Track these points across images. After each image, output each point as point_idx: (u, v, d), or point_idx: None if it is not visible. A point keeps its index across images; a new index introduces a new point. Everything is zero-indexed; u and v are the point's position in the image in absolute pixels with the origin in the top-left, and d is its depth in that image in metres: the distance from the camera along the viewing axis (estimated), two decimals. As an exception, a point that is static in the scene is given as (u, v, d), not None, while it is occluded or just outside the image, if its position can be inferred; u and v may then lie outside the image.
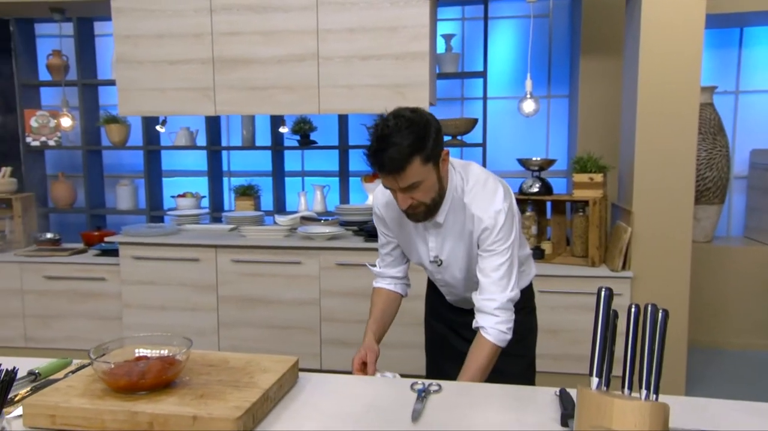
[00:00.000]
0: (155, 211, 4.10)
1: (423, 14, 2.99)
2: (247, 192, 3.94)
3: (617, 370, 0.83)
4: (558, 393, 1.23)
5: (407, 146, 1.41)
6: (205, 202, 4.12)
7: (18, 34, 4.13)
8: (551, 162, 3.22)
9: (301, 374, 1.40)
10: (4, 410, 1.20)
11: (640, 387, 0.78)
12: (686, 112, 2.81)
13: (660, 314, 0.78)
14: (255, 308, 3.19)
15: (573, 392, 1.23)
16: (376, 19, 3.03)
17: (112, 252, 3.41)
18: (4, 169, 3.84)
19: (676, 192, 2.85)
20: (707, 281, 3.72)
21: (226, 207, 4.27)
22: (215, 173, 4.12)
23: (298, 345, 3.17)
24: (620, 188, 3.28)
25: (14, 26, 4.10)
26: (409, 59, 3.04)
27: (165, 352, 1.26)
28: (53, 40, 4.31)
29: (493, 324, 1.53)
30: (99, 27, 4.24)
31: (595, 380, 0.81)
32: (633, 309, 0.80)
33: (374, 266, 1.83)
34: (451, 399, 1.29)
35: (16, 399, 1.25)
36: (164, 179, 4.30)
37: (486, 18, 3.68)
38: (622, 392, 0.80)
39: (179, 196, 4.03)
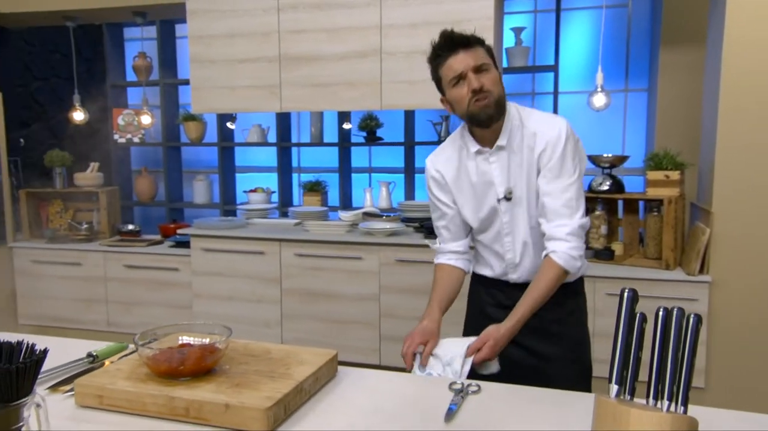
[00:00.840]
0: (228, 205, 4.26)
1: (488, 6, 2.92)
2: (314, 188, 4.01)
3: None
4: (602, 402, 1.16)
5: (470, 35, 1.53)
6: (275, 197, 4.23)
7: (109, 38, 4.41)
8: (623, 159, 3.06)
9: (340, 368, 1.40)
10: (61, 387, 1.29)
11: (661, 398, 0.71)
12: (777, 104, 2.57)
13: (692, 319, 0.71)
14: (317, 302, 3.24)
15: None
16: (439, 13, 2.99)
17: (185, 244, 3.58)
18: (92, 164, 4.12)
19: (762, 191, 2.62)
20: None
21: (295, 203, 4.37)
22: (285, 169, 4.22)
23: (357, 339, 3.19)
24: (700, 186, 3.06)
25: (106, 31, 4.39)
26: (472, 53, 2.97)
27: (206, 340, 1.30)
28: (140, 43, 4.58)
29: (566, 249, 1.52)
30: (180, 29, 4.45)
31: (614, 388, 0.74)
32: (661, 313, 0.74)
33: (434, 243, 1.81)
34: (489, 401, 1.24)
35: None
36: (237, 175, 4.46)
37: (558, 9, 3.54)
38: (647, 402, 0.74)
39: (251, 191, 4.17)
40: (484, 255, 1.76)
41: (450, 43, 1.52)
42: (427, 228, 3.17)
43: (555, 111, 3.62)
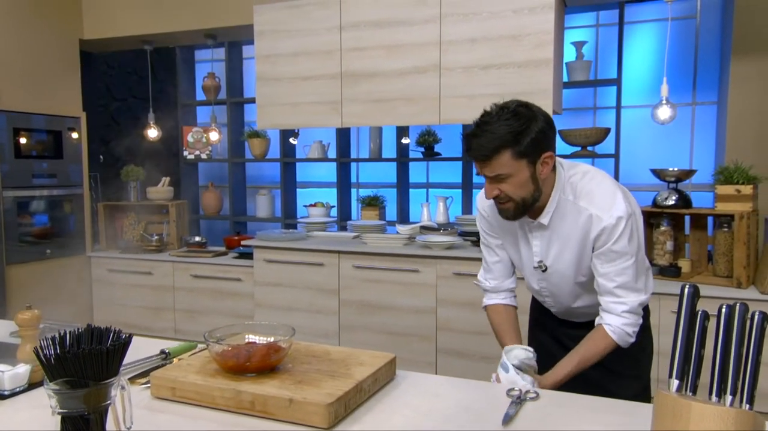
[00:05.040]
0: (289, 219, 4.38)
1: (548, 21, 2.92)
2: (372, 203, 4.08)
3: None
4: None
5: (498, 137, 1.41)
6: (335, 211, 4.32)
7: (181, 60, 4.67)
8: (690, 173, 2.96)
9: (398, 372, 1.43)
10: (138, 380, 1.37)
11: (724, 393, 0.70)
12: None
13: (757, 317, 0.69)
14: (374, 314, 3.28)
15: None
16: (499, 28, 3.01)
17: (248, 255, 3.70)
18: (163, 179, 4.34)
19: None
20: None
21: (353, 217, 4.44)
22: (344, 184, 4.32)
23: (414, 352, 3.20)
24: (775, 201, 2.92)
25: (178, 54, 4.65)
26: (532, 67, 2.97)
27: (271, 339, 1.35)
28: (209, 65, 4.82)
29: (620, 325, 1.49)
30: (247, 51, 4.66)
31: (674, 382, 0.73)
32: (724, 310, 0.72)
33: (485, 281, 1.76)
34: (548, 407, 1.24)
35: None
36: (298, 190, 4.59)
37: (621, 23, 3.50)
38: (709, 399, 0.72)
39: (311, 205, 4.28)
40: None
41: (469, 150, 1.47)
42: (484, 242, 3.15)
43: (617, 125, 3.55)
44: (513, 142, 1.41)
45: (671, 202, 2.92)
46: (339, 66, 3.35)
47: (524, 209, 1.50)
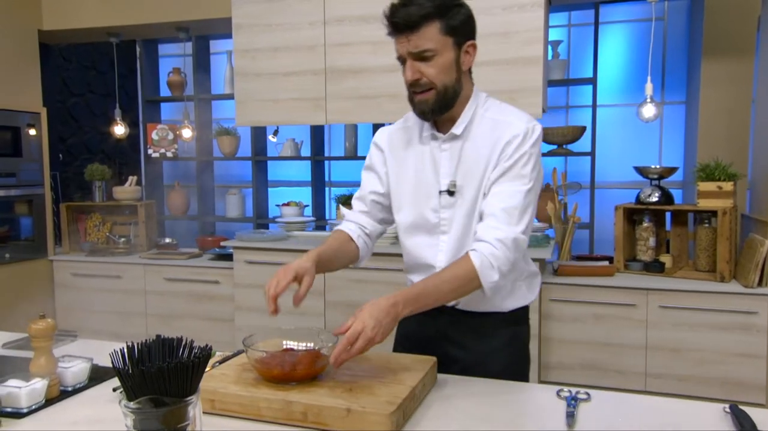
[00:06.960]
0: (261, 219, 4.25)
1: (537, 18, 2.93)
2: (348, 201, 4.00)
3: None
4: (729, 410, 1.13)
5: (429, 7, 1.33)
6: (308, 211, 4.22)
7: (144, 54, 4.45)
8: (672, 170, 3.04)
9: (438, 375, 1.38)
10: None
11: None
12: (833, 114, 2.56)
13: None
14: (361, 315, 3.21)
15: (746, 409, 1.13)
16: (488, 24, 2.99)
17: (225, 257, 3.56)
18: (131, 178, 4.13)
19: (821, 202, 2.60)
20: None
21: (327, 216, 4.36)
22: (318, 183, 4.22)
23: (403, 353, 3.15)
24: (752, 197, 3.04)
25: (141, 47, 4.44)
26: (521, 65, 2.98)
27: (311, 345, 1.28)
28: (173, 59, 4.62)
29: (488, 253, 1.32)
30: (214, 45, 4.49)
31: None
32: None
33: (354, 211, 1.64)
34: (604, 408, 1.22)
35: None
36: (270, 189, 4.46)
37: (597, 23, 3.56)
38: None
39: (284, 204, 4.16)
40: (412, 268, 1.58)
41: (391, 26, 1.36)
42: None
43: (593, 124, 3.62)
44: (443, 14, 1.34)
45: (654, 198, 2.99)
46: (323, 62, 3.26)
47: (444, 102, 1.40)
